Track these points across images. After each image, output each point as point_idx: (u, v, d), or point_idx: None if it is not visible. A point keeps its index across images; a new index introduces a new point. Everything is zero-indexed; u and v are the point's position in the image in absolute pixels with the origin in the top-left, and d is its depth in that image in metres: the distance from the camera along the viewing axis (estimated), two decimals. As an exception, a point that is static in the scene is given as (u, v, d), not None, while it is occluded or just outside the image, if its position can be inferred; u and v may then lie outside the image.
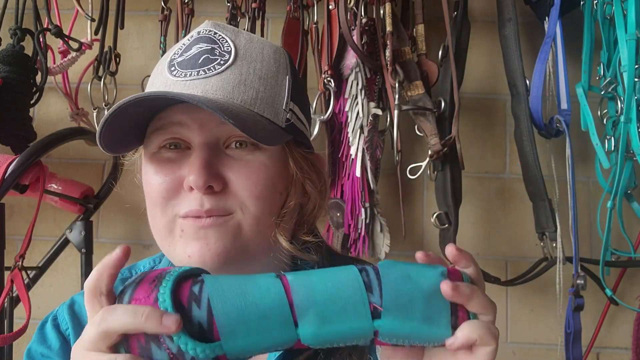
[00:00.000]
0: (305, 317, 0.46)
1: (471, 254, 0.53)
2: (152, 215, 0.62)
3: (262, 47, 0.63)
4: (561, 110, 1.22)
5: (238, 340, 0.45)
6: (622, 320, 1.31)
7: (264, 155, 0.60)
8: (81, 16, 1.32)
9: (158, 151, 0.61)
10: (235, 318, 0.45)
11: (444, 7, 1.20)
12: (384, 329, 0.47)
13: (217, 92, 0.58)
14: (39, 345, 0.70)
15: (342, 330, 0.47)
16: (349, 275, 0.49)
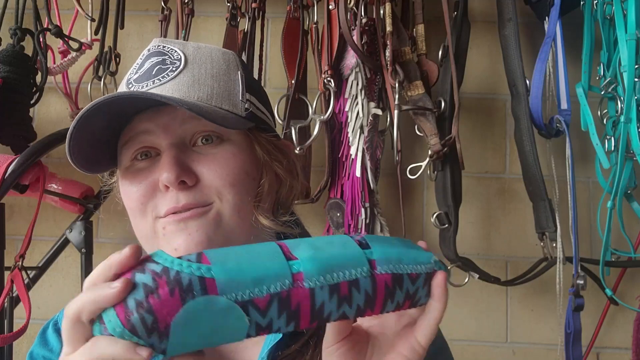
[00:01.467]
0: (298, 249, 0.45)
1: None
2: (135, 224, 0.64)
3: (210, 51, 0.66)
4: (561, 110, 1.22)
5: (228, 263, 0.42)
6: (622, 320, 1.31)
7: (230, 145, 0.62)
8: (81, 16, 1.32)
9: (131, 164, 0.63)
10: (223, 252, 0.44)
11: (444, 7, 1.20)
12: (377, 255, 0.47)
13: (174, 94, 0.61)
14: (41, 349, 0.71)
15: (337, 254, 0.46)
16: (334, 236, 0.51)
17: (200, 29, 1.43)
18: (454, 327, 1.31)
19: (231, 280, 0.41)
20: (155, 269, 0.42)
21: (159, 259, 0.43)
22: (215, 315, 0.41)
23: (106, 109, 0.57)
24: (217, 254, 0.43)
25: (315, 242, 0.47)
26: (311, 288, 0.44)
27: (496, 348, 1.33)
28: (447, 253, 1.22)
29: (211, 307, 0.41)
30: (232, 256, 0.43)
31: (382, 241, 0.50)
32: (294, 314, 0.43)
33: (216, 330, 0.42)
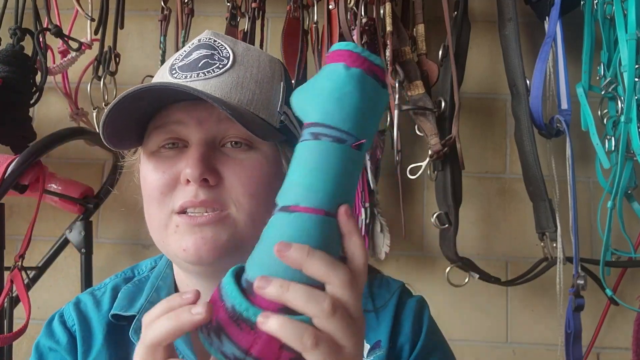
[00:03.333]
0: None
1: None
2: (148, 211, 0.64)
3: (258, 55, 0.66)
4: (561, 110, 1.22)
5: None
6: (623, 321, 1.31)
7: (258, 154, 0.62)
8: (81, 16, 1.32)
9: (158, 150, 0.63)
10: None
11: (444, 7, 1.20)
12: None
13: (216, 92, 0.61)
14: (47, 340, 0.72)
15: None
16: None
17: (200, 29, 1.42)
18: (454, 327, 1.31)
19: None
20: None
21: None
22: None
23: (147, 95, 0.58)
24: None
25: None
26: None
27: (496, 348, 1.33)
28: (448, 253, 1.22)
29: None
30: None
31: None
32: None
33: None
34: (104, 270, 1.38)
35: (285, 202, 0.49)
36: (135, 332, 0.67)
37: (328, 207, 0.49)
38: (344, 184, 0.50)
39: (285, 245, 0.46)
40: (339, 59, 0.52)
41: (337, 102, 0.50)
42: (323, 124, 0.50)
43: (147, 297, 0.70)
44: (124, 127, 0.62)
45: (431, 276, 1.34)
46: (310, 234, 0.48)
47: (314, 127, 0.50)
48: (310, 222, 0.48)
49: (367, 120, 0.52)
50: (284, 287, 0.45)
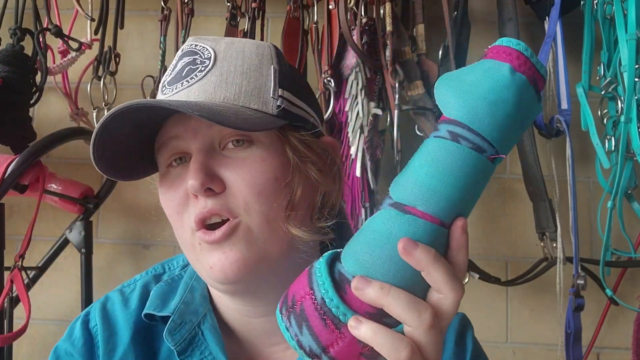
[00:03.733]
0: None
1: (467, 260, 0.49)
2: (176, 232, 0.63)
3: (242, 46, 0.64)
4: (561, 110, 1.22)
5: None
6: (623, 321, 1.31)
7: (259, 148, 0.60)
8: (81, 16, 1.32)
9: (166, 171, 0.62)
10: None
11: (444, 7, 1.20)
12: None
13: (200, 96, 0.59)
14: (65, 342, 0.71)
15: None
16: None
17: (200, 29, 1.43)
18: (454, 327, 1.31)
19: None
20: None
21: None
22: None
23: (122, 119, 0.56)
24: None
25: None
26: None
27: (496, 348, 1.33)
28: (447, 253, 1.22)
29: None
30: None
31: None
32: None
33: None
34: (104, 271, 1.39)
35: (402, 198, 0.46)
36: (169, 333, 0.65)
37: (445, 217, 0.46)
38: (468, 195, 0.47)
39: (414, 244, 0.44)
40: (505, 58, 0.46)
41: (490, 106, 0.45)
42: (467, 126, 0.45)
43: (182, 298, 0.68)
44: (123, 157, 0.62)
45: (431, 276, 1.34)
46: (420, 241, 0.45)
47: (455, 125, 0.46)
48: (423, 230, 0.45)
49: (513, 134, 0.47)
50: (385, 290, 0.44)
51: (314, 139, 0.64)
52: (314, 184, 0.63)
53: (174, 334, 0.65)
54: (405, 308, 0.44)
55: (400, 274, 0.45)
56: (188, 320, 0.66)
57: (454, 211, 0.46)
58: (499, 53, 0.47)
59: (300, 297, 0.47)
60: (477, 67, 0.48)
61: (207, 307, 0.67)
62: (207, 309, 0.67)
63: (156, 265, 0.77)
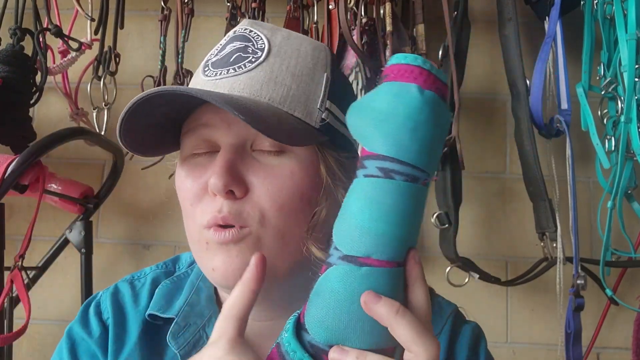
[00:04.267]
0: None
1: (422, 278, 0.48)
2: (185, 223, 0.60)
3: (299, 44, 0.60)
4: (561, 110, 1.22)
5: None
6: (623, 321, 1.31)
7: (292, 160, 0.56)
8: (81, 16, 1.32)
9: (190, 156, 0.59)
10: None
11: (444, 7, 1.20)
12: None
13: (244, 90, 0.56)
14: (81, 329, 0.68)
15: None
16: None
17: (200, 29, 1.43)
18: (454, 327, 1.31)
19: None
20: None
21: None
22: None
23: (160, 101, 0.54)
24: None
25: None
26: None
27: (496, 348, 1.33)
28: (448, 253, 1.22)
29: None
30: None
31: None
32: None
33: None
34: (104, 270, 1.38)
35: (353, 251, 0.44)
36: (173, 336, 0.63)
37: (399, 257, 0.45)
38: (414, 226, 0.46)
39: (376, 298, 0.43)
40: (408, 78, 0.45)
41: (412, 133, 0.44)
42: (396, 159, 0.44)
43: (187, 299, 0.66)
44: (150, 133, 0.58)
45: (431, 276, 1.34)
46: (384, 291, 0.44)
47: (383, 161, 0.44)
48: (383, 278, 0.44)
49: (437, 151, 0.47)
50: (361, 358, 0.44)
51: (351, 160, 0.59)
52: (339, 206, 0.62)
53: (177, 337, 0.63)
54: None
55: (374, 332, 0.44)
56: (192, 323, 0.64)
57: (405, 246, 0.46)
58: (400, 72, 0.45)
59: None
60: (383, 91, 0.46)
61: (213, 309, 0.65)
62: (213, 311, 0.65)
63: (167, 261, 0.75)
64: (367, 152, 0.46)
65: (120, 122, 0.55)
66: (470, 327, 0.67)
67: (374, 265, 0.44)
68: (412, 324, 0.43)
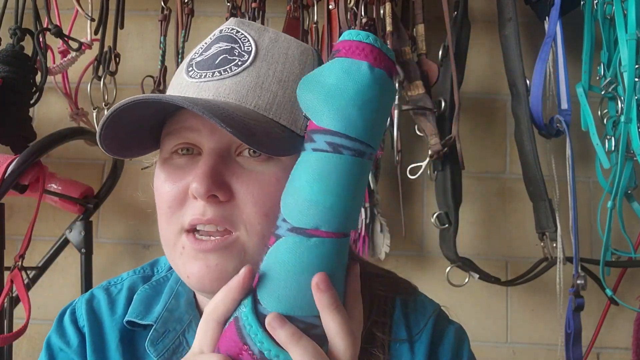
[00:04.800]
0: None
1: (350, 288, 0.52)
2: (160, 225, 0.59)
3: (287, 47, 0.59)
4: (561, 110, 1.22)
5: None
6: (623, 321, 1.31)
7: (276, 167, 0.55)
8: (81, 16, 1.32)
9: (170, 157, 0.58)
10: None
11: (444, 7, 1.20)
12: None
13: (230, 96, 0.55)
14: (58, 339, 0.67)
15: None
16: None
17: (200, 29, 1.43)
18: (454, 327, 1.31)
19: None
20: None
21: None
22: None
23: (145, 105, 0.52)
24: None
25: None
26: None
27: (496, 348, 1.33)
28: (447, 253, 1.22)
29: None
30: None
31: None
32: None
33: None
34: (104, 270, 1.38)
35: (302, 223, 0.46)
36: (152, 343, 0.62)
37: (346, 228, 0.47)
38: (359, 199, 0.48)
39: (326, 286, 0.47)
40: (359, 55, 0.46)
41: (360, 109, 0.46)
42: (345, 134, 0.46)
43: (166, 305, 0.65)
44: (130, 134, 0.57)
45: (431, 276, 1.34)
46: (331, 261, 0.46)
47: (332, 135, 0.46)
48: (331, 248, 0.46)
49: (382, 128, 0.49)
50: (296, 337, 0.46)
51: None
52: None
53: (156, 344, 0.62)
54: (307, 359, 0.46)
55: (313, 307, 0.47)
56: (172, 329, 0.63)
57: (351, 218, 0.48)
58: (352, 49, 0.47)
59: (236, 354, 0.46)
60: (334, 67, 0.47)
61: (193, 313, 0.64)
62: (193, 315, 0.64)
63: (144, 265, 0.73)
64: (316, 127, 0.47)
65: (101, 127, 0.53)
66: (454, 329, 0.66)
67: (322, 236, 0.46)
68: (342, 322, 0.47)
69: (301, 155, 0.48)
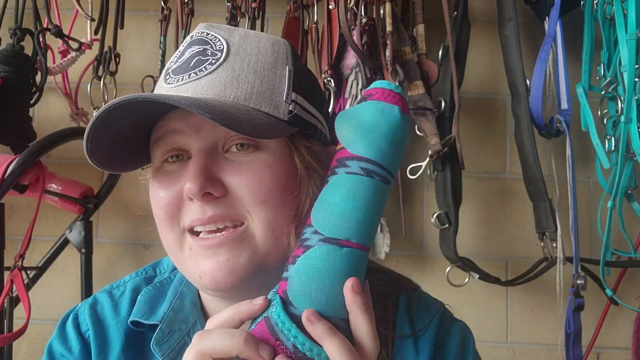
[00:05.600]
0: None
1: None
2: (161, 233, 0.59)
3: (258, 41, 0.60)
4: (561, 110, 1.22)
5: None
6: (623, 321, 1.31)
7: (265, 154, 0.56)
8: (81, 16, 1.32)
9: (161, 165, 0.58)
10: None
11: (444, 7, 1.20)
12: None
13: (208, 92, 0.56)
14: (60, 345, 0.68)
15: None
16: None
17: (200, 29, 1.43)
18: (454, 327, 1.31)
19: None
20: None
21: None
22: None
23: (129, 109, 0.53)
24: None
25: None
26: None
27: (496, 348, 1.33)
28: (448, 253, 1.22)
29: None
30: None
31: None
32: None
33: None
34: (104, 271, 1.39)
35: (335, 234, 0.51)
36: (157, 343, 0.62)
37: (369, 242, 0.53)
38: (379, 219, 0.55)
39: (359, 289, 0.50)
40: (392, 100, 0.55)
41: (391, 144, 0.54)
42: (377, 162, 0.53)
43: (170, 305, 0.65)
44: (117, 146, 0.58)
45: (431, 276, 1.34)
46: (358, 270, 0.52)
47: (366, 162, 0.53)
48: (359, 259, 0.52)
49: (400, 161, 0.57)
50: (332, 331, 0.48)
51: (322, 148, 0.61)
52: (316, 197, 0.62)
53: (161, 344, 0.62)
54: (342, 354, 0.47)
55: (343, 310, 0.51)
56: (177, 329, 0.63)
57: (373, 235, 0.54)
58: (384, 95, 0.56)
59: (268, 351, 0.49)
60: (369, 107, 0.56)
61: (198, 314, 0.65)
62: (198, 316, 0.65)
63: (146, 267, 0.74)
64: (350, 154, 0.54)
65: (85, 138, 0.54)
66: (459, 327, 0.67)
67: (353, 247, 0.52)
68: (372, 323, 0.50)
69: (333, 178, 0.54)
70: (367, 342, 0.50)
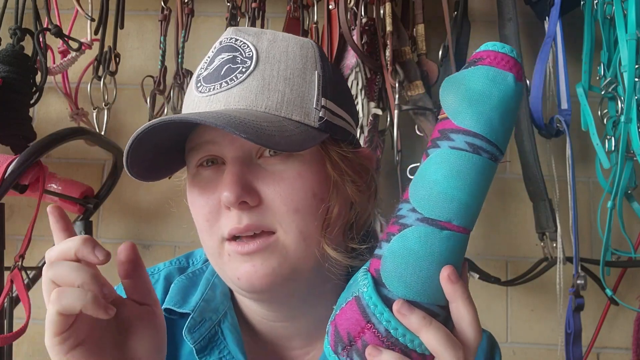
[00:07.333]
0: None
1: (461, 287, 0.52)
2: (202, 239, 0.61)
3: (286, 45, 0.60)
4: (561, 110, 1.22)
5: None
6: (623, 321, 1.31)
7: (298, 162, 0.57)
8: (81, 16, 1.32)
9: (197, 171, 0.60)
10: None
11: (444, 7, 1.20)
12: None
13: (240, 103, 0.57)
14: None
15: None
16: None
17: (200, 29, 1.43)
18: (454, 327, 1.31)
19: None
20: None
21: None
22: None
23: (164, 127, 0.54)
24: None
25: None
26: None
27: (496, 348, 1.33)
28: (447, 253, 1.22)
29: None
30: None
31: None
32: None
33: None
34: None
35: (435, 215, 0.48)
36: (189, 331, 0.65)
37: (471, 225, 0.50)
38: (482, 201, 0.50)
39: (456, 277, 0.48)
40: (505, 66, 0.49)
41: (501, 116, 0.48)
42: (485, 137, 0.48)
43: (202, 295, 0.67)
44: (153, 157, 0.60)
45: (431, 276, 1.34)
46: (457, 254, 0.49)
47: (473, 137, 0.48)
48: (460, 243, 0.49)
49: (510, 136, 0.51)
50: (427, 320, 0.47)
51: (353, 151, 0.62)
52: (349, 202, 0.62)
53: (193, 332, 0.65)
54: (442, 343, 0.47)
55: (439, 296, 0.49)
56: (208, 318, 0.66)
57: (476, 217, 0.50)
58: (497, 59, 0.49)
59: (357, 332, 0.48)
60: (479, 73, 0.49)
61: (228, 304, 0.67)
62: (228, 307, 0.67)
63: (180, 257, 0.76)
64: (455, 126, 0.49)
65: (125, 155, 0.56)
66: (486, 336, 0.68)
67: (454, 230, 0.48)
68: (474, 312, 0.50)
69: (434, 152, 0.50)
70: (470, 331, 0.49)
